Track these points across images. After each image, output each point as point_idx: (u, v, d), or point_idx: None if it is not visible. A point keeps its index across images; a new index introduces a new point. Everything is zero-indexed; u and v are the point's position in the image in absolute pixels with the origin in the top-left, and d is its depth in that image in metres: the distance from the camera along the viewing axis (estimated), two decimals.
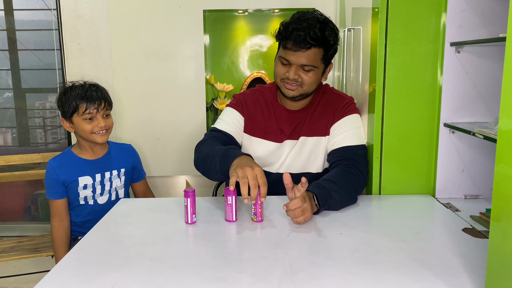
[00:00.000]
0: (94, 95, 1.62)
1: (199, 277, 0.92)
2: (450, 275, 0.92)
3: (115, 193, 1.73)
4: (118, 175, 1.73)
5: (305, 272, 0.93)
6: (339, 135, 1.46)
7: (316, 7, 2.26)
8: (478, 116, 1.41)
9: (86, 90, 1.62)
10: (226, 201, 1.23)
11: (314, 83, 1.44)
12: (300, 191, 1.19)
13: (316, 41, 1.35)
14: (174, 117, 2.42)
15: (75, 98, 1.60)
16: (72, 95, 1.61)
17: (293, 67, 1.39)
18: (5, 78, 3.07)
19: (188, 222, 1.23)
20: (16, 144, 3.14)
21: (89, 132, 1.61)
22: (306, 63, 1.38)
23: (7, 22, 2.95)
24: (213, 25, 2.50)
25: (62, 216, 1.66)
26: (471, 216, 1.27)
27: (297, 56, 1.37)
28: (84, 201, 1.68)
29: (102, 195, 1.70)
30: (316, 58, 1.39)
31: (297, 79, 1.40)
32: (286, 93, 1.45)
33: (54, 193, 1.64)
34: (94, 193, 1.68)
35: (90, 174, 1.66)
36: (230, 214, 1.23)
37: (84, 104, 1.60)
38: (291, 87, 1.42)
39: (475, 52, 1.36)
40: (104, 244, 1.11)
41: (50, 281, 0.92)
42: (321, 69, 1.43)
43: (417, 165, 1.45)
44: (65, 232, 1.67)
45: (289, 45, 1.37)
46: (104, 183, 1.70)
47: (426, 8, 1.36)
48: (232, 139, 1.51)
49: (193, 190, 1.23)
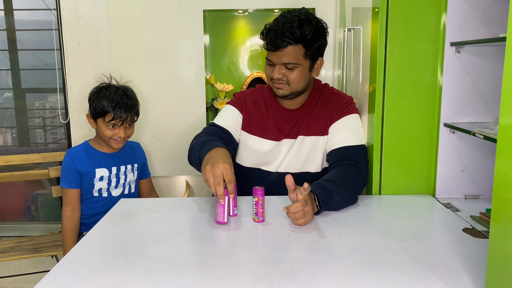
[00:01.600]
0: (124, 106, 1.63)
1: (199, 277, 0.92)
2: (450, 275, 0.92)
3: (128, 187, 1.77)
4: (132, 170, 1.78)
5: (305, 272, 0.93)
6: (338, 135, 1.46)
7: (316, 7, 2.27)
8: (478, 116, 1.41)
9: (119, 98, 1.63)
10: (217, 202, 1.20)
11: (301, 80, 1.44)
12: (302, 194, 1.19)
13: (291, 39, 1.36)
14: (174, 117, 2.42)
15: (106, 103, 1.62)
16: (104, 97, 1.63)
17: (277, 66, 1.42)
18: (5, 78, 3.07)
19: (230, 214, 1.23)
20: (16, 144, 3.14)
21: (108, 137, 1.66)
22: (287, 61, 1.39)
23: (7, 22, 2.95)
24: (213, 25, 2.50)
25: (74, 206, 1.69)
26: (471, 216, 1.27)
27: (277, 55, 1.40)
28: (98, 193, 1.71)
29: (116, 188, 1.74)
30: (297, 55, 1.39)
31: (282, 78, 1.42)
32: (276, 93, 1.47)
33: (69, 182, 1.67)
34: (109, 185, 1.72)
35: (106, 167, 1.71)
36: (222, 216, 1.21)
37: (111, 114, 1.62)
38: (279, 86, 1.44)
39: (475, 52, 1.36)
40: (104, 244, 1.11)
41: (50, 281, 0.92)
42: (306, 65, 1.43)
43: (417, 165, 1.45)
44: (76, 224, 1.70)
45: (269, 46, 1.41)
46: (119, 176, 1.73)
47: (426, 8, 1.36)
48: (229, 135, 1.52)
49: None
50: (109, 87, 1.67)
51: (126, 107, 1.64)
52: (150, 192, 1.91)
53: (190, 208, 1.36)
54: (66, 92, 2.44)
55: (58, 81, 2.56)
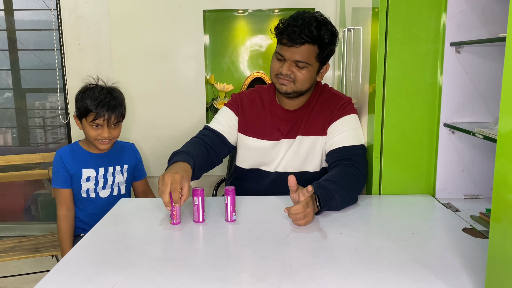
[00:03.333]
0: (107, 105, 1.62)
1: (199, 277, 0.92)
2: (450, 275, 0.92)
3: (117, 188, 1.76)
4: (121, 171, 1.76)
5: (305, 272, 0.93)
6: (337, 135, 1.46)
7: (316, 7, 2.27)
8: (478, 116, 1.41)
9: (102, 97, 1.62)
10: (193, 201, 1.23)
11: (308, 81, 1.44)
12: (304, 196, 1.19)
13: (310, 38, 1.36)
14: (174, 117, 2.42)
15: (89, 103, 1.61)
16: (88, 97, 1.62)
17: (287, 62, 1.41)
18: (5, 78, 3.07)
19: (228, 220, 1.24)
20: (16, 144, 3.14)
21: (93, 138, 1.65)
22: (299, 59, 1.39)
23: (7, 22, 2.95)
24: (213, 25, 2.50)
25: (68, 205, 1.69)
26: (471, 216, 1.27)
27: (291, 51, 1.39)
28: (86, 194, 1.71)
29: (104, 189, 1.73)
30: (310, 55, 1.39)
31: (290, 75, 1.42)
32: (280, 88, 1.46)
33: (61, 182, 1.67)
34: (96, 186, 1.71)
35: (93, 167, 1.70)
36: (197, 215, 1.23)
37: (94, 113, 1.61)
38: (284, 81, 1.44)
39: (475, 52, 1.36)
40: (104, 244, 1.11)
41: (50, 281, 0.92)
42: (315, 67, 1.43)
43: (417, 165, 1.45)
44: (72, 223, 1.70)
45: (284, 41, 1.40)
46: (107, 177, 1.72)
47: (426, 8, 1.36)
48: (223, 139, 1.53)
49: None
50: (94, 88, 1.66)
51: (109, 106, 1.62)
52: (146, 193, 1.88)
53: (190, 208, 1.36)
54: (66, 92, 2.44)
55: (58, 81, 2.56)
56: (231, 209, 1.23)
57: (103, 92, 1.64)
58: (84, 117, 1.63)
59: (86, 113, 1.62)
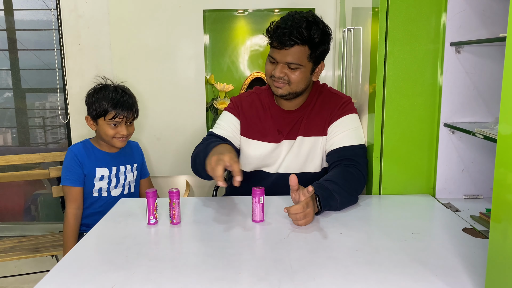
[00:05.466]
0: (125, 104, 1.66)
1: (199, 277, 0.92)
2: (450, 275, 0.92)
3: (128, 187, 1.77)
4: (131, 170, 1.78)
5: (305, 272, 0.93)
6: (337, 135, 1.46)
7: (316, 7, 2.27)
8: (478, 116, 1.41)
9: (118, 96, 1.65)
10: (253, 202, 1.23)
11: (302, 82, 1.44)
12: (305, 196, 1.19)
13: (299, 39, 1.36)
14: (174, 117, 2.42)
15: (106, 103, 1.63)
16: (104, 97, 1.64)
17: (279, 65, 1.41)
18: (5, 78, 3.07)
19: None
20: (16, 144, 3.14)
21: (111, 136, 1.66)
22: (291, 61, 1.39)
23: (7, 22, 2.95)
24: (213, 25, 2.50)
25: (79, 204, 1.68)
26: (471, 216, 1.27)
27: (282, 54, 1.39)
28: (98, 193, 1.71)
29: (116, 188, 1.74)
30: (301, 56, 1.39)
31: (283, 77, 1.42)
32: (275, 91, 1.46)
33: (74, 180, 1.66)
34: (109, 185, 1.72)
35: (107, 166, 1.71)
36: (261, 214, 1.23)
37: (113, 111, 1.63)
38: (279, 84, 1.43)
39: (475, 52, 1.36)
40: (104, 244, 1.11)
41: (50, 281, 0.92)
42: (308, 67, 1.43)
43: (417, 165, 1.45)
44: (79, 222, 1.70)
45: (274, 43, 1.40)
46: (119, 176, 1.74)
47: (426, 8, 1.36)
48: (229, 143, 1.51)
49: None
50: (106, 88, 1.67)
51: (127, 105, 1.66)
52: None
53: (190, 208, 1.36)
54: (66, 92, 2.44)
55: (58, 81, 2.56)
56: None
57: (118, 92, 1.67)
58: (102, 116, 1.65)
59: (105, 113, 1.64)
